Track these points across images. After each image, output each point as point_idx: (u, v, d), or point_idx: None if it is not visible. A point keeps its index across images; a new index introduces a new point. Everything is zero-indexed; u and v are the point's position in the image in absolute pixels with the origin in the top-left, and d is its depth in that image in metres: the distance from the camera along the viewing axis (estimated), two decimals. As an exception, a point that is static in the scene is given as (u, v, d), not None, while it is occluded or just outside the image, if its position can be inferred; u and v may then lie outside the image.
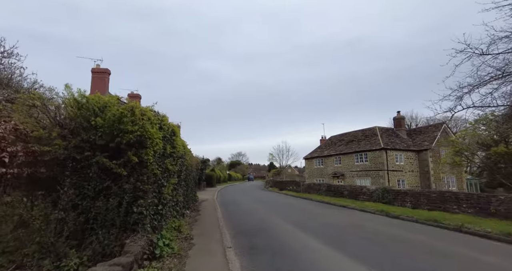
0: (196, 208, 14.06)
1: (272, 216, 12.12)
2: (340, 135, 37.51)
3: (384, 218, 11.83)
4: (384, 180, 27.30)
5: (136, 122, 5.13)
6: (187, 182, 11.61)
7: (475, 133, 14.29)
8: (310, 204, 17.68)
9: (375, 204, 14.86)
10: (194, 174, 15.61)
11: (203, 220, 10.65)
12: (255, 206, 16.08)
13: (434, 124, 30.11)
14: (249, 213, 13.17)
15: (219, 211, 13.48)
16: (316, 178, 36.42)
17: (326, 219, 11.39)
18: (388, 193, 14.93)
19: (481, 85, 12.10)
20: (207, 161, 32.46)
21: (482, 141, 14.59)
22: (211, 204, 16.18)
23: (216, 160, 73.74)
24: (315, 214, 13.03)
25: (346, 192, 18.75)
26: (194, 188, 16.00)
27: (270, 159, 51.55)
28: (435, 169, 28.03)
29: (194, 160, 15.01)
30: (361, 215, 12.81)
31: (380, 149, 27.74)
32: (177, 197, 8.82)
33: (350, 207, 15.13)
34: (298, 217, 11.87)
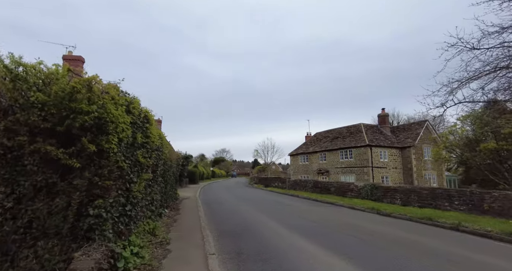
0: (176, 206, 12.90)
1: (259, 215, 11.20)
2: (325, 131, 37.22)
3: (375, 216, 11.25)
4: (368, 177, 27.19)
5: (94, 101, 4.00)
6: (165, 178, 10.45)
7: (463, 129, 14.10)
8: (297, 201, 16.95)
9: (364, 201, 14.33)
10: (174, 170, 14.41)
11: (183, 220, 9.56)
12: (240, 204, 15.11)
13: (417, 122, 30.34)
14: (233, 212, 12.19)
15: (201, 209, 12.40)
16: (301, 175, 35.98)
17: (316, 218, 10.62)
18: (377, 189, 14.44)
19: (472, 79, 11.76)
20: (189, 157, 31.08)
21: (471, 137, 14.40)
22: (192, 202, 15.04)
23: (200, 156, 71.99)
24: (303, 212, 12.26)
25: (333, 188, 18.19)
26: (174, 185, 14.81)
27: (255, 156, 50.69)
28: (417, 166, 28.25)
29: (174, 155, 13.81)
30: (351, 213, 12.17)
31: (365, 146, 27.57)
32: (153, 195, 7.69)
33: (338, 204, 14.52)
34: (286, 216, 11.03)
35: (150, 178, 6.91)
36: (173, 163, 13.17)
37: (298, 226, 8.93)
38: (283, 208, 13.64)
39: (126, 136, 4.76)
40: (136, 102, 5.58)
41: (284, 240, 7.11)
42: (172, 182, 13.50)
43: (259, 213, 11.62)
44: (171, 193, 12.75)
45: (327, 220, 10.09)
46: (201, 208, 13.00)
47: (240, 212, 12.10)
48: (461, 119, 13.42)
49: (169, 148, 11.56)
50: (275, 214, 11.37)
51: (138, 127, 5.71)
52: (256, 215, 11.07)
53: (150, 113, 6.62)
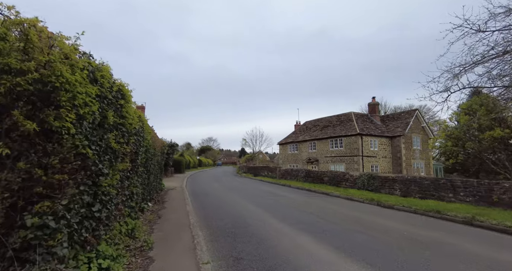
0: (161, 199, 11.64)
1: (253, 208, 10.16)
2: (315, 120, 36.48)
3: (377, 208, 10.49)
4: (358, 166, 26.81)
5: (32, 55, 2.66)
6: (148, 168, 9.13)
7: (465, 118, 13.51)
8: (290, 191, 16.07)
9: (361, 192, 13.61)
10: (159, 159, 13.06)
11: (169, 215, 8.35)
12: (230, 195, 14.03)
13: (407, 111, 30.06)
14: (224, 204, 11.09)
15: (188, 202, 11.22)
16: (290, 164, 35.34)
17: (316, 211, 9.71)
18: (374, 179, 13.74)
19: (477, 64, 10.99)
20: (175, 145, 29.52)
21: (475, 125, 13.83)
22: (179, 194, 13.81)
23: (186, 145, 70.09)
24: (301, 204, 11.34)
25: (327, 178, 17.44)
26: (159, 175, 13.49)
27: (243, 145, 49.54)
28: (406, 155, 28.11)
29: (159, 142, 12.42)
30: (350, 205, 11.38)
31: (356, 135, 27.03)
32: (132, 188, 6.40)
33: (334, 195, 13.74)
34: (283, 209, 10.05)
35: (128, 168, 5.62)
36: (157, 151, 11.83)
37: (300, 221, 7.95)
38: (277, 199, 12.68)
39: (90, 112, 3.44)
40: (106, 70, 4.19)
41: (288, 240, 6.09)
42: (157, 172, 12.18)
43: (253, 206, 10.57)
44: (155, 184, 11.46)
45: (329, 214, 9.18)
46: (188, 200, 11.81)
47: (232, 204, 11.01)
48: (463, 107, 12.76)
49: (152, 134, 10.19)
50: (270, 207, 10.36)
51: (109, 103, 4.36)
52: (250, 209, 10.02)
53: (126, 88, 5.22)
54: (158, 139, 12.14)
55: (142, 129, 7.10)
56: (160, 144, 12.89)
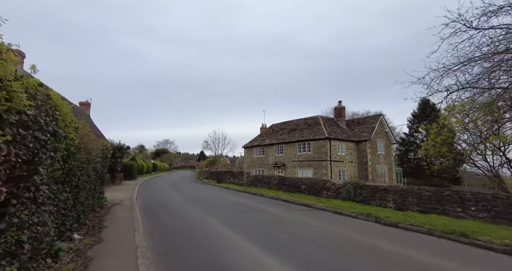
0: (98, 222, 8.21)
1: (234, 236, 7.41)
2: (281, 123, 34.88)
3: (377, 226, 8.57)
4: (326, 171, 25.64)
5: None
6: (73, 182, 5.87)
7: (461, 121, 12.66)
8: (265, 203, 13.62)
9: (348, 204, 11.77)
10: (99, 166, 9.57)
11: (105, 260, 5.22)
12: (196, 213, 11.03)
13: (372, 116, 30.09)
14: (192, 230, 8.12)
15: (139, 226, 8.00)
16: (256, 168, 33.07)
17: (312, 236, 7.38)
18: (361, 189, 12.03)
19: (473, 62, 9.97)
20: (124, 148, 25.13)
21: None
22: (126, 211, 10.39)
23: (138, 147, 63.46)
24: (286, 223, 8.92)
25: (304, 186, 15.43)
26: (98, 188, 9.95)
27: (204, 147, 45.86)
28: (372, 160, 27.87)
29: (98, 143, 8.99)
30: (344, 221, 9.34)
31: (324, 139, 25.90)
32: (34, 219, 3.32)
33: (318, 208, 11.68)
34: (269, 233, 7.48)
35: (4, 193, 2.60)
36: (94, 155, 8.44)
37: (309, 260, 5.50)
38: (256, 216, 10.11)
39: None
40: None
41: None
42: (93, 185, 8.72)
43: (231, 232, 7.80)
44: (89, 203, 8.02)
45: (334, 241, 6.92)
46: (139, 222, 8.57)
47: (202, 229, 8.10)
48: (460, 106, 11.73)
49: (84, 131, 6.91)
50: (255, 232, 7.75)
51: None
52: (229, 237, 7.26)
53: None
54: (95, 139, 8.72)
55: (54, 121, 3.99)
56: (100, 146, 9.43)
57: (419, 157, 43.86)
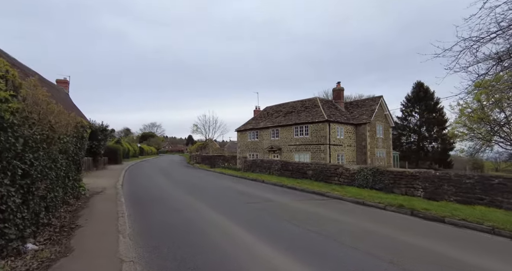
0: (70, 220, 6.24)
1: (246, 237, 5.70)
2: (276, 105, 32.93)
3: (421, 222, 7.07)
4: (325, 155, 24.30)
5: None
6: (26, 165, 3.88)
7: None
8: (270, 191, 12.00)
9: (367, 192, 10.30)
10: (71, 147, 7.45)
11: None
12: (192, 203, 9.22)
13: (372, 98, 28.65)
14: (191, 229, 6.34)
15: (125, 227, 6.09)
16: (250, 153, 31.38)
17: (336, 231, 5.81)
18: (382, 175, 10.54)
19: None
20: (108, 130, 22.65)
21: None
22: (109, 204, 8.43)
23: (124, 131, 60.09)
24: (309, 219, 7.31)
25: (311, 172, 13.86)
26: (72, 173, 7.90)
27: (194, 131, 43.50)
28: (371, 143, 26.73)
29: (67, 117, 6.82)
30: (371, 214, 7.85)
31: (323, 122, 24.32)
32: None
33: (333, 196, 10.16)
34: (296, 238, 5.84)
35: None
36: (63, 133, 6.34)
37: None
38: (265, 208, 8.44)
39: None
40: None
41: None
42: (64, 171, 6.68)
43: (242, 230, 6.07)
44: (56, 195, 6.02)
45: (372, 241, 5.34)
46: (125, 218, 6.68)
47: (206, 229, 6.30)
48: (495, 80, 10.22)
49: (42, 98, 4.77)
50: (270, 230, 6.05)
51: None
52: (241, 239, 5.53)
53: None
54: (64, 112, 6.55)
55: None
56: (72, 121, 7.27)
57: (411, 141, 43.59)
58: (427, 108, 41.08)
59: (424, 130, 41.71)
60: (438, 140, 40.52)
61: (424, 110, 41.38)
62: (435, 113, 40.79)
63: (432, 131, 41.36)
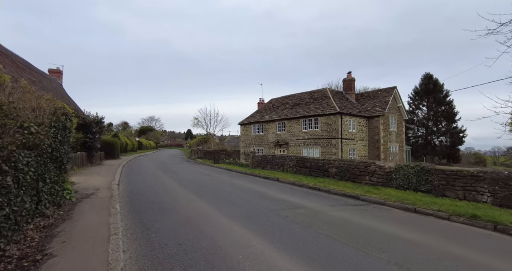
0: (39, 244, 4.34)
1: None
2: (282, 97, 30.95)
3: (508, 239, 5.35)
4: (337, 150, 22.51)
5: None
6: None
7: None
8: (293, 193, 10.18)
9: (412, 195, 8.48)
10: (46, 141, 5.50)
11: None
12: (208, 213, 7.38)
13: (385, 89, 26.73)
14: (217, 259, 4.50)
15: (119, 251, 4.24)
16: (254, 147, 29.52)
17: (419, 261, 4.01)
18: (429, 174, 8.69)
19: None
20: (103, 122, 20.63)
21: None
22: (99, 215, 6.54)
23: (122, 124, 57.80)
24: (351, 230, 5.52)
25: (335, 169, 12.01)
26: (51, 174, 6.00)
27: (195, 124, 41.42)
28: (384, 137, 24.97)
29: (41, 102, 4.86)
30: (435, 227, 6.07)
31: (335, 114, 22.46)
32: None
33: (371, 200, 8.35)
34: (368, 264, 4.04)
35: None
36: (29, 122, 4.40)
37: None
38: (302, 218, 6.62)
39: None
40: None
41: None
42: (35, 173, 4.78)
43: (286, 259, 4.26)
44: (21, 208, 4.12)
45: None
46: (119, 237, 4.79)
47: (233, 252, 4.49)
48: None
49: None
50: (329, 261, 4.23)
51: None
52: None
53: None
54: (33, 94, 4.57)
55: None
56: (48, 107, 5.30)
57: (419, 135, 41.97)
58: (436, 101, 39.35)
59: (432, 124, 40.07)
60: (447, 134, 38.91)
61: (432, 103, 39.67)
62: (444, 106, 39.10)
63: (440, 124, 39.75)
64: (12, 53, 19.03)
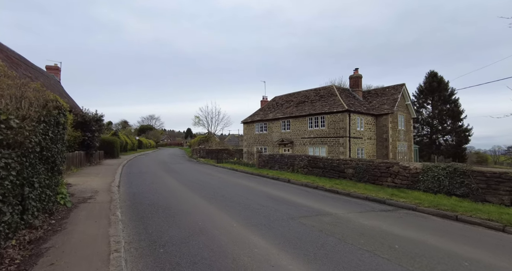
0: (23, 264, 3.47)
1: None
2: (286, 95, 30.05)
3: None
4: (344, 149, 21.64)
5: None
6: None
7: None
8: (310, 196, 9.30)
9: (445, 199, 7.61)
10: (34, 138, 4.61)
11: None
12: (217, 218, 6.50)
13: (393, 86, 25.85)
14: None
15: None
16: (258, 146, 28.64)
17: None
18: (464, 176, 7.81)
19: None
20: (102, 120, 19.69)
21: None
22: (97, 223, 5.63)
23: (121, 123, 56.75)
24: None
25: (351, 170, 11.12)
26: (40, 178, 5.10)
27: (196, 123, 40.51)
28: (393, 136, 24.12)
29: (25, 90, 3.98)
30: (486, 240, 5.22)
31: (343, 112, 21.58)
32: None
33: (399, 205, 7.47)
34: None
35: None
36: (7, 114, 3.52)
37: None
38: (329, 228, 5.75)
39: None
40: None
41: None
42: (15, 177, 3.88)
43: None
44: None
45: None
46: (121, 255, 3.91)
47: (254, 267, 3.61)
48: None
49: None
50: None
51: None
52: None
53: None
54: (12, 78, 3.66)
55: None
56: (33, 97, 4.40)
57: (423, 134, 41.16)
58: (441, 99, 38.53)
59: (437, 123, 39.25)
60: (452, 133, 38.12)
61: (437, 102, 38.84)
62: (449, 105, 38.28)
63: (445, 123, 38.95)
64: (7, 48, 18.06)
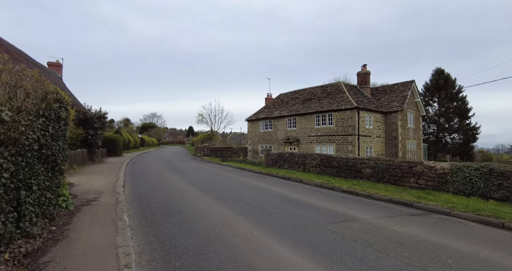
0: None
1: None
2: (292, 92, 29.36)
3: None
4: (353, 148, 20.98)
5: None
6: None
7: None
8: (329, 198, 8.70)
9: (481, 203, 6.95)
10: (32, 134, 4.01)
11: None
12: (234, 224, 5.90)
13: (402, 83, 25.14)
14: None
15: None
16: (262, 144, 28.02)
17: None
18: (502, 178, 7.14)
19: None
20: (106, 117, 19.11)
21: None
22: (103, 229, 5.04)
23: (123, 121, 56.16)
24: (442, 258, 4.03)
25: (369, 170, 10.46)
26: (39, 179, 4.51)
27: (200, 121, 39.96)
28: (402, 134, 23.44)
29: (19, 78, 3.39)
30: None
31: (352, 109, 20.91)
32: None
33: (428, 208, 6.84)
34: None
35: None
36: (8, 108, 2.91)
37: None
38: (363, 237, 5.14)
39: None
40: None
41: None
42: (8, 180, 3.29)
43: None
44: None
45: None
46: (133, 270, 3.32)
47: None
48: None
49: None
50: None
51: None
52: None
53: None
54: (5, 66, 3.04)
55: None
56: (30, 87, 3.80)
57: (430, 132, 40.42)
58: (448, 97, 37.75)
59: (444, 121, 38.49)
60: (459, 131, 37.36)
61: (444, 99, 38.06)
62: (456, 102, 37.50)
63: (452, 121, 38.19)
64: (8, 43, 17.47)
